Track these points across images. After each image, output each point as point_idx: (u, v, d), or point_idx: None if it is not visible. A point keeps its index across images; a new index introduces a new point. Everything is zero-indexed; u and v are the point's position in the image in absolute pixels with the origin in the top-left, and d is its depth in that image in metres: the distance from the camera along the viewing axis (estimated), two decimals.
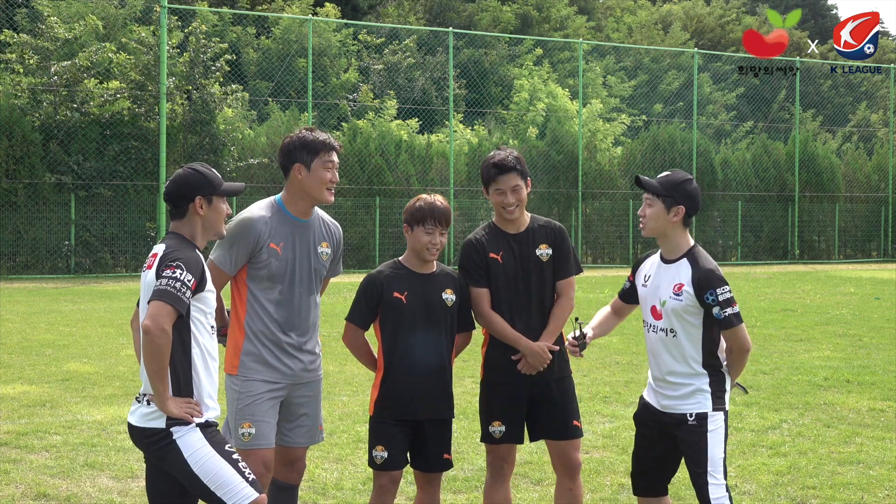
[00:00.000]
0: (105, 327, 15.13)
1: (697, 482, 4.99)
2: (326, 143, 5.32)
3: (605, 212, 33.07)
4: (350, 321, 5.48)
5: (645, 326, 5.25)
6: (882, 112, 47.65)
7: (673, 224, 5.08)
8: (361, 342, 5.52)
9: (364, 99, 36.69)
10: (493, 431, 5.60)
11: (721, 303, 4.93)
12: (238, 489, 4.45)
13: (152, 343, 4.36)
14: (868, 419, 9.25)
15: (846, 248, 37.06)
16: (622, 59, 47.21)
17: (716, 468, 4.96)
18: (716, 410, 5.02)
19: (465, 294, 5.55)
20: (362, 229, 28.85)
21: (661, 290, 5.10)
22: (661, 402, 5.14)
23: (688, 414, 5.01)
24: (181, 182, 4.69)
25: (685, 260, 5.08)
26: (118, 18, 30.51)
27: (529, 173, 5.69)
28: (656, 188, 5.08)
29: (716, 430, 4.99)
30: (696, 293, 4.96)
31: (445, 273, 5.54)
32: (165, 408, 4.45)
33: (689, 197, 5.06)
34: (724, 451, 5.00)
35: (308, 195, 5.32)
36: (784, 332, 15.22)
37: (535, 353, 5.47)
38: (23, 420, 8.93)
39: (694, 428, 4.99)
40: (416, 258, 5.46)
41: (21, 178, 24.82)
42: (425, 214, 5.38)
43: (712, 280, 4.96)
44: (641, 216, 5.15)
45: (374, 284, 5.43)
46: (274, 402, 5.29)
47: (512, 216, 5.58)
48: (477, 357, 5.81)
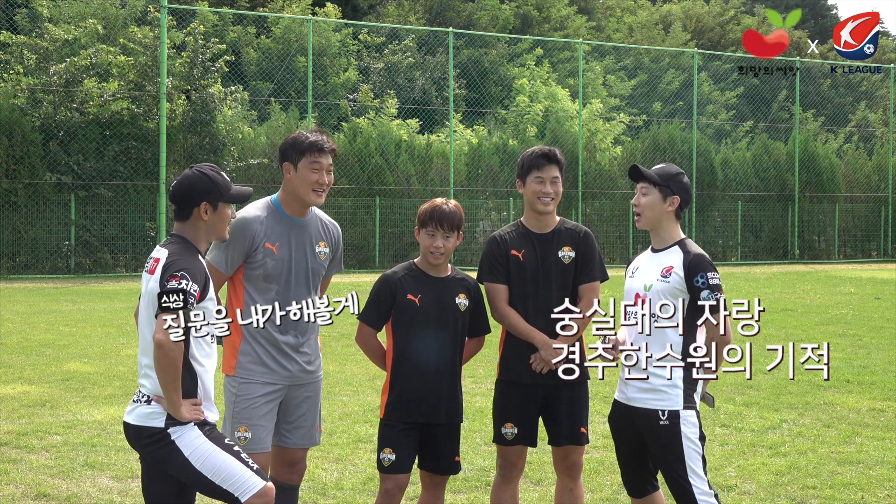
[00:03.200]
0: (105, 327, 15.12)
1: (678, 485, 4.91)
2: (315, 143, 5.25)
3: (605, 212, 33.06)
4: (363, 321, 5.45)
5: (624, 317, 5.21)
6: (881, 112, 47.64)
7: (668, 214, 5.11)
8: (374, 343, 5.50)
9: (364, 99, 36.68)
10: (505, 433, 5.57)
11: (711, 286, 4.92)
12: (244, 479, 4.46)
13: (166, 356, 4.36)
14: (868, 419, 9.25)
15: (846, 248, 37.04)
16: (622, 59, 47.20)
17: (696, 468, 4.92)
18: (688, 408, 4.97)
19: (479, 299, 5.54)
20: (362, 229, 28.83)
21: (647, 275, 5.09)
22: (629, 394, 5.07)
23: (659, 411, 4.95)
24: (188, 185, 4.66)
25: (676, 247, 5.10)
26: (118, 19, 30.50)
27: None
28: (653, 177, 5.12)
29: (689, 429, 4.93)
30: (686, 276, 4.95)
31: (460, 277, 5.53)
32: (179, 414, 4.46)
33: (683, 189, 5.12)
34: (703, 449, 4.97)
35: (296, 195, 5.30)
36: (784, 332, 15.21)
37: (548, 346, 5.43)
38: (23, 420, 8.93)
39: (666, 428, 4.93)
40: (426, 261, 5.46)
41: (21, 178, 24.81)
42: (427, 217, 5.38)
43: (703, 264, 4.98)
44: (636, 205, 5.16)
45: (389, 285, 5.41)
46: (271, 404, 5.26)
47: (546, 208, 5.53)
48: (477, 357, 5.80)
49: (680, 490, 4.92)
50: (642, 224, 5.20)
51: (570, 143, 32.74)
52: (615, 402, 5.26)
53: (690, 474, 4.90)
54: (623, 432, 5.21)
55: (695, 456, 4.92)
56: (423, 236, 5.40)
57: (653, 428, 4.97)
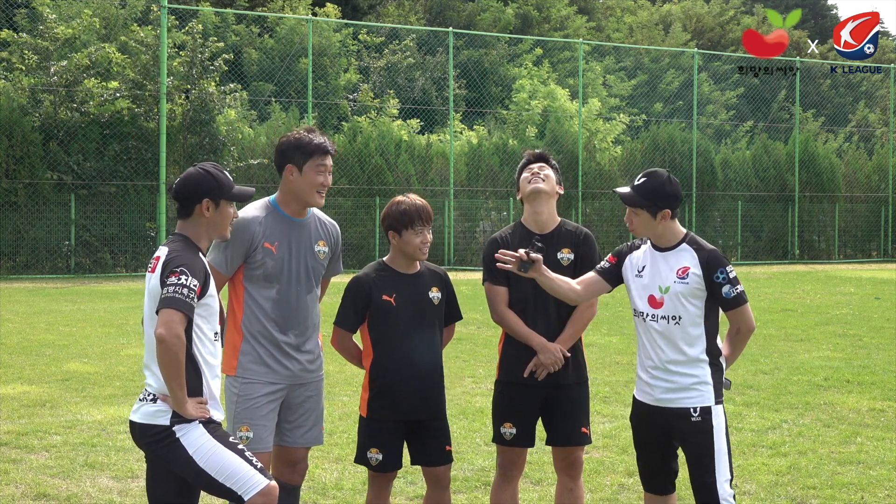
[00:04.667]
0: (105, 327, 15.13)
1: (704, 481, 4.92)
2: (321, 146, 5.26)
3: (605, 212, 33.06)
4: (339, 326, 5.46)
5: (638, 318, 5.18)
6: (881, 112, 47.66)
7: (662, 224, 5.09)
8: (351, 345, 5.52)
9: (364, 99, 36.69)
10: (504, 433, 5.56)
11: (731, 280, 4.95)
12: (248, 477, 4.46)
13: (168, 351, 4.36)
14: (868, 419, 9.25)
15: (846, 248, 37.05)
16: (622, 59, 47.21)
17: (724, 466, 4.94)
18: (718, 404, 4.99)
19: (450, 289, 5.55)
20: (362, 229, 28.84)
21: (661, 277, 5.05)
22: (657, 395, 5.05)
23: (691, 409, 4.94)
24: (190, 182, 4.67)
25: (685, 245, 5.07)
26: (118, 18, 30.50)
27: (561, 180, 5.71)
28: (638, 201, 5.04)
29: (720, 425, 4.96)
30: (705, 274, 4.96)
31: (430, 271, 5.53)
32: (184, 411, 4.46)
33: (670, 198, 5.04)
34: (729, 444, 5.00)
35: (298, 197, 5.30)
36: (784, 332, 15.22)
37: (547, 350, 5.43)
38: (23, 420, 8.93)
39: (699, 425, 4.93)
40: (403, 259, 5.44)
41: (21, 178, 24.82)
42: (413, 217, 5.35)
43: (720, 259, 5.00)
44: (629, 222, 5.15)
45: (362, 287, 5.40)
46: (273, 404, 5.27)
47: (535, 186, 5.51)
48: (476, 357, 5.82)
49: (703, 487, 4.93)
50: (640, 235, 5.21)
51: (569, 143, 32.74)
52: (637, 402, 5.21)
53: (717, 471, 4.92)
54: (648, 432, 5.17)
55: (723, 451, 4.95)
56: (409, 237, 5.35)
57: (685, 426, 4.97)
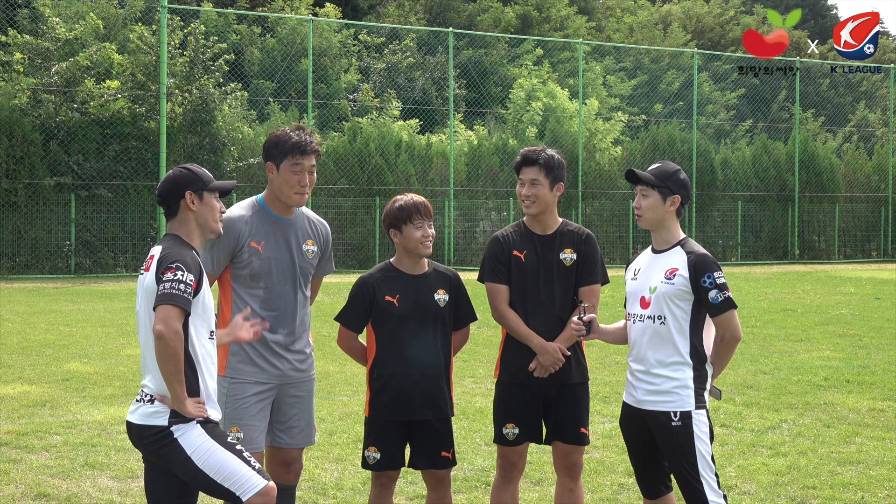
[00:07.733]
0: (105, 327, 15.13)
1: (689, 485, 4.92)
2: (298, 144, 5.16)
3: (605, 212, 33.06)
4: (343, 325, 5.47)
5: (629, 319, 5.19)
6: (881, 112, 47.67)
7: (669, 213, 5.09)
8: (357, 344, 5.53)
9: (364, 99, 36.69)
10: (506, 433, 5.56)
11: (718, 286, 4.93)
12: (246, 478, 4.45)
13: (167, 347, 4.35)
14: (868, 419, 9.25)
15: (846, 248, 37.05)
16: (622, 59, 47.20)
17: (708, 469, 4.93)
18: (699, 409, 4.97)
19: (460, 292, 5.52)
20: (362, 229, 28.85)
21: (651, 278, 5.07)
22: (639, 397, 5.06)
23: (671, 413, 4.94)
24: (171, 180, 4.69)
25: (678, 247, 5.09)
26: (118, 18, 30.50)
27: (564, 179, 5.61)
28: (652, 180, 5.09)
29: (702, 429, 4.94)
30: (692, 277, 4.95)
31: (438, 272, 5.49)
32: (183, 409, 4.45)
33: (683, 186, 5.10)
34: (711, 449, 4.99)
35: (278, 195, 5.26)
36: (784, 332, 15.22)
37: (546, 351, 5.43)
38: (23, 420, 8.93)
39: (679, 429, 4.92)
40: (408, 259, 5.43)
41: (21, 178, 24.82)
42: (411, 211, 5.34)
43: (709, 264, 4.98)
44: (638, 208, 5.16)
45: (366, 288, 5.41)
46: (263, 404, 5.24)
47: (527, 210, 5.53)
48: (477, 357, 5.81)
49: (690, 490, 4.92)
50: (644, 224, 5.19)
51: (569, 143, 32.75)
52: (624, 404, 5.24)
53: (702, 475, 4.91)
54: (634, 435, 5.19)
55: (706, 456, 4.93)
56: (409, 232, 5.34)
57: (665, 430, 4.96)
